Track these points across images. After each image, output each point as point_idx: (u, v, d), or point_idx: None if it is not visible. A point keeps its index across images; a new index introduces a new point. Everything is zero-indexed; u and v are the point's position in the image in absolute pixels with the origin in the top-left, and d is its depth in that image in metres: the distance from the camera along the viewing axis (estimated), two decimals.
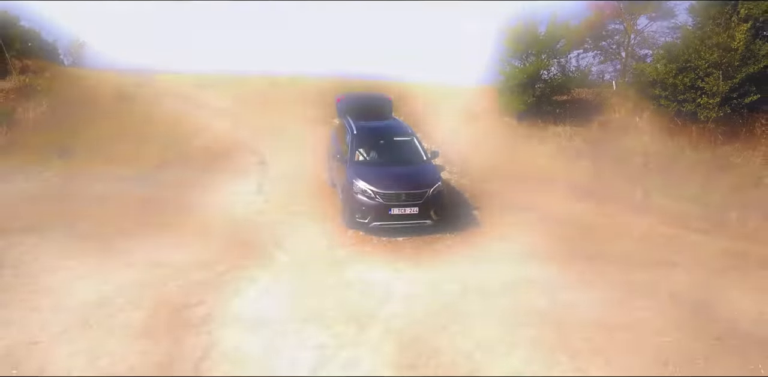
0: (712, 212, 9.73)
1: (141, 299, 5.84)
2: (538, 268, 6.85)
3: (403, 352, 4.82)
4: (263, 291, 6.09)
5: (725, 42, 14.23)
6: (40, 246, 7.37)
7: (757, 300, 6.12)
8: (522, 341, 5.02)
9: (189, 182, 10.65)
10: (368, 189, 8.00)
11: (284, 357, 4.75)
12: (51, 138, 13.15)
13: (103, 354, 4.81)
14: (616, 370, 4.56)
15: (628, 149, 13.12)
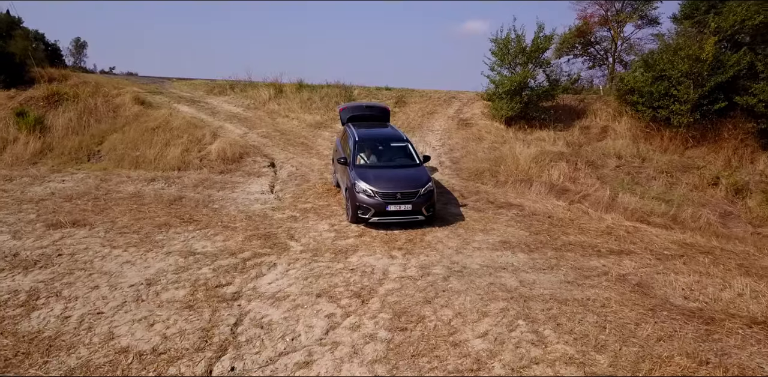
0: (672, 209, 10.87)
1: (181, 280, 7.00)
2: (511, 255, 8.01)
3: (395, 319, 5.98)
4: (281, 273, 7.25)
5: (696, 53, 15.35)
6: (89, 238, 8.54)
7: (690, 281, 7.26)
8: (491, 311, 6.17)
9: (209, 183, 11.80)
10: (368, 189, 9.15)
11: (301, 323, 5.91)
12: (80, 142, 14.29)
13: (157, 321, 5.97)
14: (563, 332, 5.70)
15: (605, 152, 14.24)
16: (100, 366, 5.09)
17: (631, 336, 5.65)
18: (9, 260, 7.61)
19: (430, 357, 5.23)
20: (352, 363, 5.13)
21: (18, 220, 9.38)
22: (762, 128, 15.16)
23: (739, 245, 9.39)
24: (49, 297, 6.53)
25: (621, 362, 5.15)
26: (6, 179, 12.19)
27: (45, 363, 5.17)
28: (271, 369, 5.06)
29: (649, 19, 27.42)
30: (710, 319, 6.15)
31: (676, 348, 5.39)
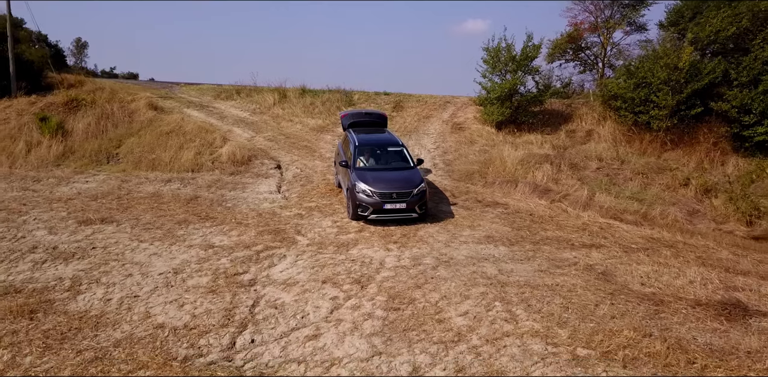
0: (643, 208, 11.82)
1: (203, 269, 7.94)
2: (493, 248, 8.96)
3: (390, 301, 6.91)
4: (291, 263, 8.19)
5: (674, 62, 16.29)
6: (118, 233, 9.47)
7: (649, 270, 8.20)
8: (472, 295, 7.11)
9: (222, 183, 12.74)
10: (367, 189, 10.09)
11: (309, 304, 6.84)
12: (99, 146, 15.23)
13: (186, 303, 6.90)
14: (532, 311, 6.64)
15: (587, 155, 15.18)
16: (142, 338, 6.03)
17: (589, 315, 6.59)
18: (50, 253, 8.55)
19: (418, 331, 6.17)
20: (353, 335, 6.07)
21: (51, 217, 10.32)
22: (734, 132, 16.13)
23: (701, 239, 10.34)
24: (90, 283, 7.47)
25: (578, 335, 6.09)
26: (34, 180, 13.12)
27: (95, 336, 6.10)
28: (285, 340, 6.00)
29: (637, 26, 28.32)
30: (660, 301, 7.09)
31: (625, 324, 6.33)
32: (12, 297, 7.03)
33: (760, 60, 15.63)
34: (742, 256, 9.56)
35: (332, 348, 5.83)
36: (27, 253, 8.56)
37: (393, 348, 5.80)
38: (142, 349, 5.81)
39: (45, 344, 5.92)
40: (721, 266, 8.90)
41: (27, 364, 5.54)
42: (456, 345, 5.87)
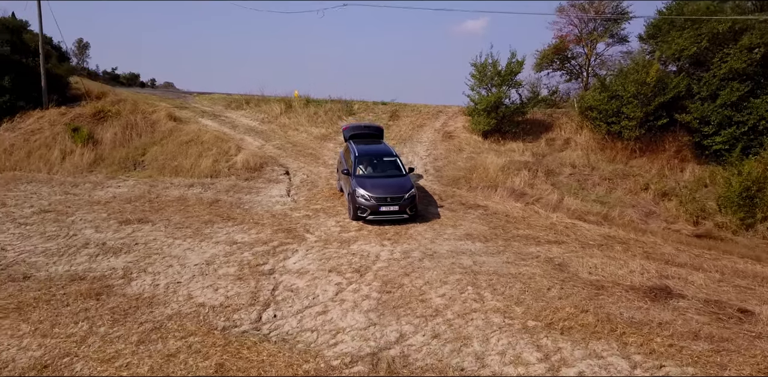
0: (605, 210, 13.38)
1: (230, 261, 9.49)
2: (471, 244, 10.51)
3: (383, 286, 8.46)
4: (302, 256, 9.74)
5: (642, 78, 17.83)
6: (154, 232, 11.02)
7: (598, 262, 9.76)
8: (450, 281, 8.66)
9: (238, 188, 14.29)
10: (365, 194, 11.63)
11: (318, 288, 8.39)
12: (126, 154, 16.78)
13: (219, 287, 8.45)
14: (497, 294, 8.18)
15: (563, 162, 16.74)
16: (188, 314, 7.57)
17: (542, 296, 8.15)
18: (100, 248, 10.10)
19: (405, 308, 7.72)
20: (354, 311, 7.62)
21: (95, 218, 11.87)
22: (696, 141, 17.72)
23: (651, 237, 11.90)
24: (139, 272, 9.02)
25: (530, 311, 7.64)
26: (72, 185, 14.67)
27: (151, 312, 7.65)
28: (300, 315, 7.55)
29: (619, 38, 29.92)
30: (601, 287, 8.65)
31: (568, 303, 7.89)
32: (78, 283, 8.59)
33: (718, 77, 17.21)
34: (683, 251, 11.13)
35: (337, 320, 7.39)
36: (81, 248, 10.12)
37: (385, 321, 7.35)
38: (189, 322, 7.36)
39: (113, 318, 7.47)
40: (662, 259, 10.47)
41: (102, 333, 7.09)
42: (434, 318, 7.42)
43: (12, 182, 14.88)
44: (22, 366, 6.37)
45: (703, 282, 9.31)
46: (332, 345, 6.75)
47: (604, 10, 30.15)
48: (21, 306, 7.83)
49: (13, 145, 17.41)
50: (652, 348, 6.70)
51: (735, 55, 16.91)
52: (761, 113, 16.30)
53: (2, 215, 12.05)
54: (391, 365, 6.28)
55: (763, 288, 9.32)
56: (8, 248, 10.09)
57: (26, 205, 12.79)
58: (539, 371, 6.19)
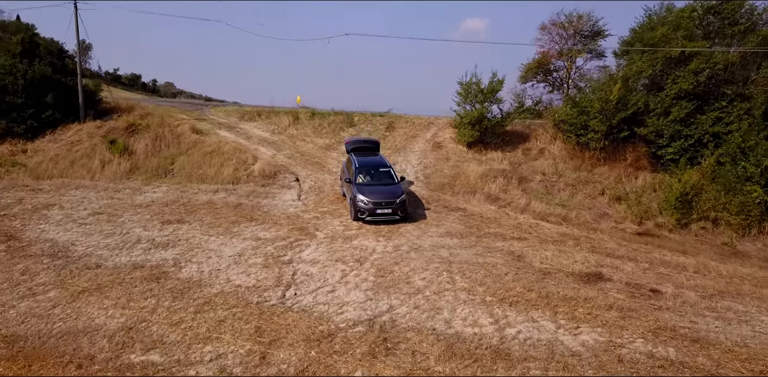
0: (565, 212, 15.60)
1: (257, 253, 11.69)
2: (449, 239, 12.72)
3: (378, 272, 10.65)
4: (313, 249, 11.94)
5: (606, 96, 20.04)
6: (191, 230, 13.21)
7: (550, 255, 11.96)
8: (430, 268, 10.85)
9: (257, 193, 16.49)
10: (364, 199, 13.83)
11: (328, 274, 10.58)
12: (157, 163, 18.94)
13: (251, 273, 10.64)
14: (465, 278, 10.38)
15: (535, 170, 18.94)
16: (229, 292, 9.77)
17: (500, 280, 10.36)
18: (151, 243, 12.29)
19: (394, 288, 9.93)
20: (355, 290, 9.83)
21: (140, 219, 14.06)
22: (652, 152, 19.92)
23: (600, 234, 14.13)
24: (186, 262, 11.22)
25: (489, 290, 9.85)
26: (114, 190, 16.85)
27: (200, 290, 9.84)
28: (315, 293, 9.75)
29: (596, 53, 32.19)
30: (548, 273, 10.87)
31: (519, 284, 10.10)
32: (140, 270, 10.78)
33: (670, 96, 19.41)
34: (623, 246, 13.36)
35: (343, 297, 9.60)
36: (135, 243, 12.31)
37: (378, 297, 9.56)
38: (231, 298, 9.56)
39: (172, 295, 9.67)
40: (604, 252, 12.69)
41: (166, 305, 9.28)
42: (416, 295, 9.64)
43: (63, 187, 17.06)
44: (112, 328, 8.57)
45: (632, 270, 11.55)
46: (339, 314, 8.96)
47: (582, 29, 32.47)
48: (100, 287, 10.04)
49: (57, 155, 19.58)
50: (574, 316, 8.93)
51: (684, 77, 19.12)
52: (705, 127, 18.49)
53: (63, 216, 14.24)
54: (383, 326, 8.50)
55: (679, 274, 11.56)
56: (77, 244, 12.28)
57: (80, 208, 14.98)
58: (490, 330, 8.41)
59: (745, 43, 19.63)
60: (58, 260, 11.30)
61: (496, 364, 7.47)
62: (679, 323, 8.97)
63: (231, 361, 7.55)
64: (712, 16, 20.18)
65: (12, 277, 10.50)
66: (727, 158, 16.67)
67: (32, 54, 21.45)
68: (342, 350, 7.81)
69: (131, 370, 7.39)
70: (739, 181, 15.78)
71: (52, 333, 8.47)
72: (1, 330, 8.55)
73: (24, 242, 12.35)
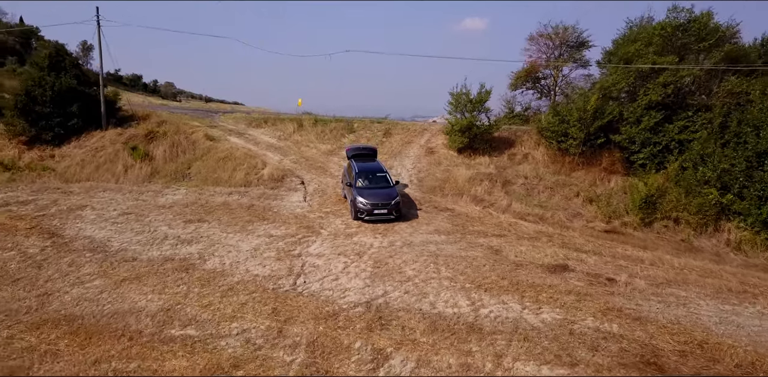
0: (542, 212, 17.21)
1: (270, 248, 13.28)
2: (437, 236, 14.32)
3: (375, 264, 12.24)
4: (319, 245, 13.53)
5: (583, 106, 21.64)
6: (211, 228, 14.79)
7: (525, 249, 13.55)
8: (419, 261, 12.44)
9: (267, 195, 18.08)
10: (363, 201, 15.42)
11: (332, 265, 12.18)
12: (175, 168, 20.52)
13: (266, 264, 12.22)
14: (449, 268, 11.96)
15: (518, 174, 20.55)
16: (248, 280, 11.35)
17: (478, 270, 11.96)
18: (177, 239, 13.87)
19: (388, 276, 11.52)
20: (355, 278, 11.42)
21: (165, 218, 15.64)
22: (625, 157, 21.53)
23: (572, 232, 15.73)
24: (210, 255, 12.80)
25: (469, 278, 11.45)
26: (138, 193, 18.42)
27: (224, 279, 11.42)
28: (321, 281, 11.33)
29: (581, 63, 33.79)
30: (520, 264, 12.48)
31: (494, 274, 11.70)
32: (170, 262, 12.36)
33: (641, 106, 21.02)
34: (591, 242, 14.96)
35: (345, 284, 11.19)
36: (163, 240, 13.89)
37: (375, 284, 11.16)
38: (250, 285, 11.14)
39: (200, 283, 11.25)
40: (573, 247, 14.29)
41: (196, 291, 10.86)
42: (406, 282, 11.23)
43: (91, 190, 18.63)
44: (153, 309, 10.14)
45: (594, 262, 13.16)
46: (342, 297, 10.56)
47: (568, 40, 34.06)
48: (138, 276, 11.62)
49: (83, 160, 21.16)
50: (538, 299, 10.54)
51: (653, 89, 20.74)
52: (672, 135, 20.11)
53: (96, 216, 15.82)
54: (378, 307, 10.10)
55: (636, 266, 13.15)
56: (112, 240, 13.86)
57: (110, 208, 16.56)
58: (467, 310, 10.01)
59: (710, 58, 21.25)
60: (98, 254, 12.88)
61: (470, 336, 9.07)
62: (626, 305, 10.58)
63: (254, 334, 9.13)
64: (680, 33, 21.77)
65: (61, 268, 12.08)
66: (689, 163, 18.27)
67: (58, 67, 22.98)
68: (345, 326, 9.40)
69: (173, 342, 8.96)
70: (699, 184, 17.39)
71: (103, 313, 10.04)
72: (61, 311, 10.13)
73: (66, 239, 13.93)
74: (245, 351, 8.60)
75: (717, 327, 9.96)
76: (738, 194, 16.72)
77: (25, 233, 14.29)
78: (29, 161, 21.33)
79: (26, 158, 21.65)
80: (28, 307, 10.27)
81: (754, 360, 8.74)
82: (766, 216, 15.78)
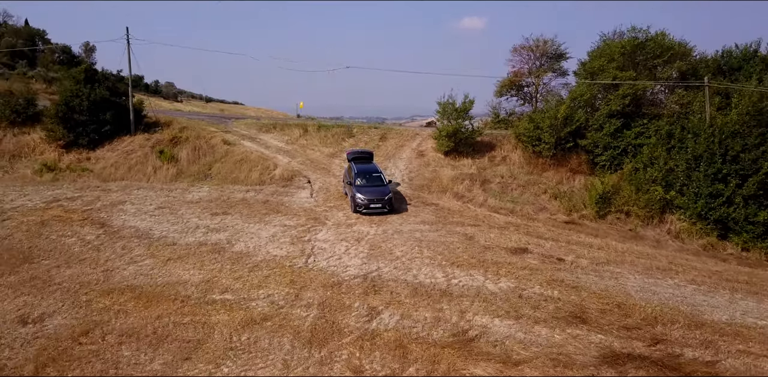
0: (513, 206, 19.73)
1: (285, 235, 15.76)
2: (423, 226, 16.82)
3: (370, 247, 14.73)
4: (325, 232, 16.03)
5: (554, 114, 24.15)
6: (234, 220, 17.27)
7: (494, 236, 16.08)
8: (407, 244, 14.93)
9: (279, 192, 20.57)
10: (361, 197, 17.91)
11: (336, 247, 14.67)
12: (198, 169, 22.98)
13: (282, 247, 14.70)
14: (430, 250, 14.44)
15: (496, 174, 23.06)
16: (269, 260, 13.84)
17: (453, 251, 14.47)
18: (207, 228, 16.35)
19: (381, 257, 14.02)
20: (355, 258, 13.91)
21: (194, 212, 18.10)
22: (590, 159, 24.05)
23: (536, 223, 18.24)
24: (236, 241, 15.28)
25: (445, 258, 13.94)
26: (168, 190, 20.88)
27: (250, 259, 13.91)
28: (327, 260, 13.83)
29: (560, 72, 36.27)
30: (488, 248, 14.99)
31: (466, 255, 14.21)
32: (204, 246, 14.83)
33: (603, 114, 23.54)
34: (551, 230, 17.48)
35: (346, 262, 13.69)
36: (195, 229, 16.36)
37: (370, 262, 13.65)
38: (271, 263, 13.63)
39: (231, 262, 13.74)
40: (535, 235, 16.80)
41: (228, 268, 13.34)
42: (395, 261, 13.74)
43: (127, 188, 21.10)
44: (195, 281, 12.62)
45: (550, 246, 15.67)
46: (344, 272, 13.06)
47: (548, 52, 36.54)
48: (180, 257, 14.09)
49: (116, 162, 23.61)
50: (498, 273, 13.06)
51: (614, 100, 23.28)
52: (629, 140, 22.63)
53: (136, 210, 18.28)
54: (373, 279, 12.59)
55: (585, 250, 15.66)
56: (154, 229, 16.33)
57: (146, 204, 19.02)
58: (441, 280, 12.51)
59: (663, 73, 23.79)
60: (144, 240, 15.36)
61: (442, 299, 11.58)
62: (568, 278, 13.11)
63: (277, 298, 11.63)
64: (639, 51, 24.28)
65: (116, 251, 14.55)
66: (640, 165, 20.79)
67: (92, 80, 25.41)
68: (347, 291, 11.91)
69: (215, 303, 11.44)
70: (647, 183, 19.92)
71: (157, 283, 12.51)
72: (123, 282, 12.60)
73: (115, 228, 16.40)
74: (271, 309, 11.09)
75: (637, 293, 12.49)
76: (679, 191, 19.26)
77: (79, 223, 16.76)
78: (69, 163, 23.76)
79: (65, 160, 24.08)
80: (97, 279, 12.74)
81: (657, 316, 11.27)
82: (701, 209, 18.32)
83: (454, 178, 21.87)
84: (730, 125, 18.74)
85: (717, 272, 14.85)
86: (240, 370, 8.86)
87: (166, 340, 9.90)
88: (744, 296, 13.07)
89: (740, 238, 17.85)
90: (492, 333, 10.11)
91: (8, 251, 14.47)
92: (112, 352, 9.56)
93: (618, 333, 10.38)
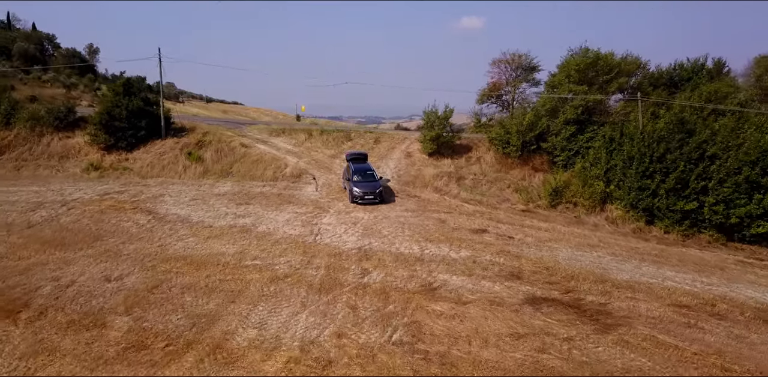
0: (481, 198, 23.22)
1: (297, 220, 19.22)
2: (406, 213, 20.28)
3: (364, 229, 18.18)
4: (328, 218, 19.48)
5: (520, 121, 27.64)
6: (255, 208, 20.70)
7: (462, 220, 19.55)
8: (392, 227, 18.39)
9: (290, 187, 24.01)
10: (357, 190, 21.36)
11: (337, 230, 18.11)
12: (221, 168, 26.39)
13: (296, 228, 18.16)
14: (410, 230, 17.90)
15: (470, 172, 26.55)
16: (287, 237, 17.29)
17: (428, 231, 17.93)
18: (234, 215, 19.78)
19: (372, 235, 17.49)
20: (352, 236, 17.37)
21: (221, 202, 21.52)
22: (551, 159, 27.56)
23: (498, 211, 21.74)
24: (259, 224, 18.71)
25: (422, 236, 17.42)
26: (198, 185, 24.28)
27: (271, 236, 17.36)
28: (330, 237, 17.30)
29: (534, 82, 39.69)
30: (456, 229, 18.48)
31: (438, 234, 17.68)
32: (234, 228, 18.26)
33: (561, 121, 27.04)
34: (510, 217, 20.98)
35: (345, 239, 17.14)
36: (224, 216, 19.79)
37: (364, 239, 17.11)
38: (288, 239, 17.08)
39: (257, 238, 17.17)
40: (495, 220, 20.30)
41: (255, 243, 16.79)
42: (383, 238, 17.20)
43: (163, 184, 24.48)
44: (231, 252, 16.05)
45: (506, 228, 19.18)
46: (344, 245, 16.51)
47: (522, 64, 39.95)
48: (217, 235, 17.51)
49: (151, 162, 26.98)
50: (461, 246, 16.55)
51: (569, 110, 26.77)
52: (581, 144, 26.13)
53: (174, 201, 21.69)
54: (365, 250, 16.06)
55: (533, 231, 19.15)
56: (192, 215, 19.75)
57: (182, 196, 22.43)
58: (417, 251, 15.99)
59: (609, 88, 27.31)
60: (186, 224, 18.77)
61: (416, 263, 15.05)
62: (513, 250, 16.61)
63: (294, 263, 15.07)
64: (591, 68, 27.78)
65: (165, 232, 17.96)
66: (587, 164, 24.31)
67: (129, 92, 28.75)
68: (346, 258, 15.38)
69: (248, 267, 14.87)
70: (592, 178, 23.43)
71: (202, 254, 15.93)
72: (175, 254, 16.01)
73: (161, 215, 19.80)
74: (290, 270, 14.56)
75: (564, 261, 16.00)
76: (617, 185, 22.77)
77: (131, 211, 20.17)
78: (111, 163, 27.12)
79: (107, 161, 27.43)
80: (155, 252, 16.16)
81: (575, 274, 14.77)
82: (633, 200, 21.84)
83: (435, 175, 25.34)
84: (657, 132, 22.26)
85: (635, 248, 18.37)
86: (271, 308, 12.31)
87: (216, 291, 13.33)
88: (649, 264, 16.58)
89: (663, 223, 21.36)
90: (450, 285, 13.61)
91: (81, 232, 17.87)
92: (178, 298, 12.97)
93: (541, 286, 13.89)
